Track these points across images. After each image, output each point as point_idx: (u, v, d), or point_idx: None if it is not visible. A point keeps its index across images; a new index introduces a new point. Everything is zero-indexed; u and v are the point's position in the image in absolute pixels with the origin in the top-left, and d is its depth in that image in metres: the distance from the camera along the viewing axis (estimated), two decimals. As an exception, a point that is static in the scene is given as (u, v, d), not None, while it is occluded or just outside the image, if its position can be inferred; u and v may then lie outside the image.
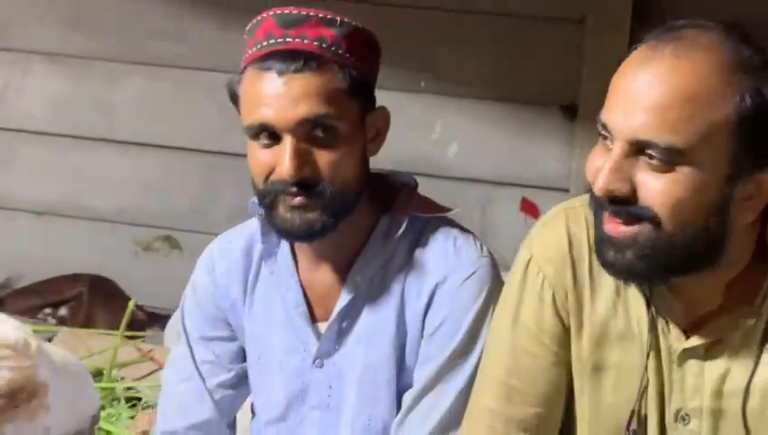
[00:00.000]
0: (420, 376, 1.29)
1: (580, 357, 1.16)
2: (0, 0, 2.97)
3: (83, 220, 2.97)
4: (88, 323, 2.62)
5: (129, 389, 2.15)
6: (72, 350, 2.13)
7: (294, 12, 1.24)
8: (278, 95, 1.20)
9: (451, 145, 2.77)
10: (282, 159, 1.21)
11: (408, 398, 1.30)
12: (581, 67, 2.67)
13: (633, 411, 1.13)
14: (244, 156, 2.88)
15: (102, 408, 1.93)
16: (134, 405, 2.12)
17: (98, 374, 2.18)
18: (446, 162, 2.73)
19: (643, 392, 1.12)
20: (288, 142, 1.20)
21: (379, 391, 1.31)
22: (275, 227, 1.26)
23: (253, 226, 1.37)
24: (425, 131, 2.74)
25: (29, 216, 3.00)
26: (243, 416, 1.52)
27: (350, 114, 1.25)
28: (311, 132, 1.22)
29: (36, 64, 2.98)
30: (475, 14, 2.77)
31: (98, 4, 2.93)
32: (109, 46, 2.93)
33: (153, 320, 2.67)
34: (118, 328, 2.37)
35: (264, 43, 1.24)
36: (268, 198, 1.24)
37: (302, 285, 1.34)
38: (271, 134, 1.22)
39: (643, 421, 1.14)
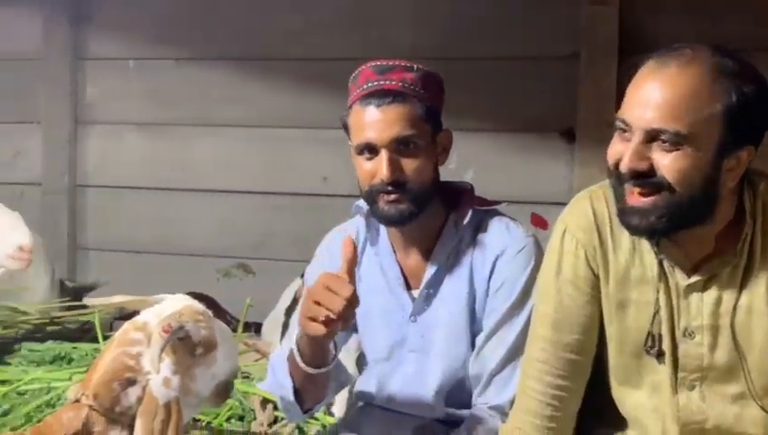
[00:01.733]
0: (488, 323, 1.59)
1: (607, 297, 1.38)
2: (96, 83, 3.51)
3: (173, 256, 3.42)
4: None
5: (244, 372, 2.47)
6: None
7: (384, 63, 1.59)
8: (377, 120, 1.55)
9: (468, 171, 3.00)
10: (380, 167, 1.55)
11: (479, 339, 1.60)
12: (576, 96, 2.91)
13: (649, 333, 1.36)
14: (296, 194, 3.30)
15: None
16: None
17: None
18: None
19: (655, 318, 1.34)
20: (384, 155, 1.54)
21: (458, 336, 1.61)
22: (378, 217, 1.60)
23: (356, 221, 1.72)
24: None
25: (131, 255, 3.47)
26: (347, 357, 1.90)
27: (426, 134, 1.58)
28: (399, 147, 1.55)
29: (127, 133, 3.48)
30: (482, 60, 3.05)
31: (173, 77, 3.40)
32: (184, 114, 3.40)
33: (244, 327, 3.00)
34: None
35: (365, 86, 1.57)
36: (372, 197, 1.58)
37: (398, 263, 1.67)
38: (371, 150, 1.56)
39: (657, 340, 1.36)
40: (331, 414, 2.15)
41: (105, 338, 2.35)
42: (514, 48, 3.02)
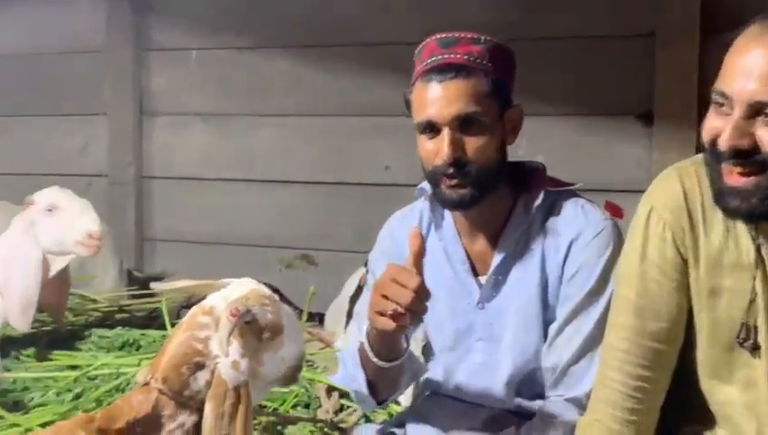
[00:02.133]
0: (562, 311, 1.53)
1: (697, 283, 1.30)
2: (160, 75, 3.56)
3: (237, 246, 3.46)
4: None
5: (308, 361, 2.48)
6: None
7: (449, 35, 1.52)
8: (438, 98, 1.48)
9: (537, 157, 2.79)
10: (442, 146, 1.48)
11: (553, 328, 1.54)
12: (654, 77, 2.79)
13: (743, 324, 1.28)
14: (358, 184, 3.31)
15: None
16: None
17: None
18: None
19: (750, 308, 1.26)
20: (446, 133, 1.48)
21: (529, 325, 1.55)
22: (440, 201, 1.55)
23: (420, 205, 1.67)
24: (512, 148, 2.74)
25: (196, 246, 3.52)
26: (414, 347, 1.89)
27: (492, 111, 1.50)
28: (462, 125, 1.48)
29: (191, 124, 3.53)
30: (552, 40, 2.95)
31: (235, 67, 3.43)
32: (246, 104, 3.43)
33: (307, 317, 2.99)
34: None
35: (428, 61, 1.51)
36: (434, 179, 1.52)
37: (464, 248, 1.61)
38: (433, 128, 1.50)
39: (753, 332, 1.28)
40: (397, 403, 2.13)
41: (173, 326, 2.40)
42: (589, 26, 2.92)
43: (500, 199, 1.57)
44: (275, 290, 3.24)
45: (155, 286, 1.68)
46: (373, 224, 1.78)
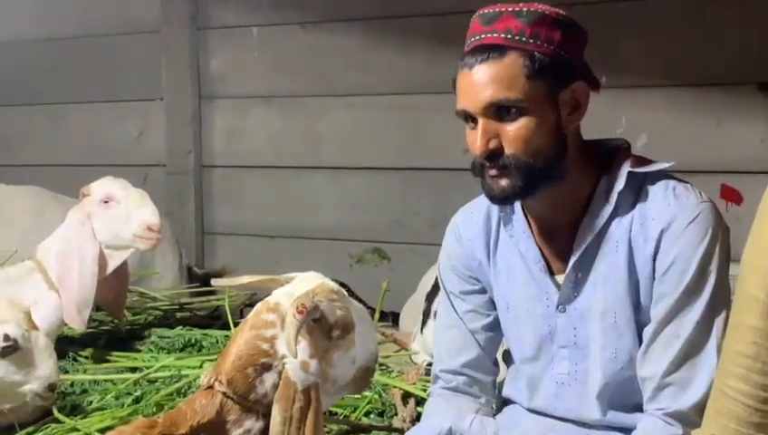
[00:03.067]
0: (657, 312, 1.45)
1: None
2: (220, 56, 3.64)
3: (304, 239, 3.50)
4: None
5: (382, 364, 2.48)
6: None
7: (491, 10, 1.47)
8: (469, 85, 1.45)
9: (639, 137, 2.80)
10: (476, 137, 1.46)
11: (648, 331, 1.47)
12: None
13: None
14: (435, 169, 3.30)
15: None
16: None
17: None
18: None
19: None
20: (480, 123, 1.45)
21: (620, 328, 1.49)
22: (485, 194, 1.51)
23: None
24: (610, 127, 2.76)
25: (260, 239, 3.58)
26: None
27: (536, 93, 1.43)
28: (498, 112, 1.43)
29: (253, 107, 3.58)
30: (649, 0, 2.83)
31: (299, 44, 3.47)
32: (312, 84, 3.47)
33: (380, 316, 3.01)
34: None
35: (469, 41, 1.48)
36: (477, 171, 1.50)
37: (537, 244, 1.56)
38: (472, 118, 1.47)
39: None
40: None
41: (236, 325, 2.43)
42: None
43: (575, 185, 1.52)
44: (345, 287, 3.27)
45: (215, 283, 1.70)
46: (452, 213, 1.76)
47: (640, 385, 1.50)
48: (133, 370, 2.39)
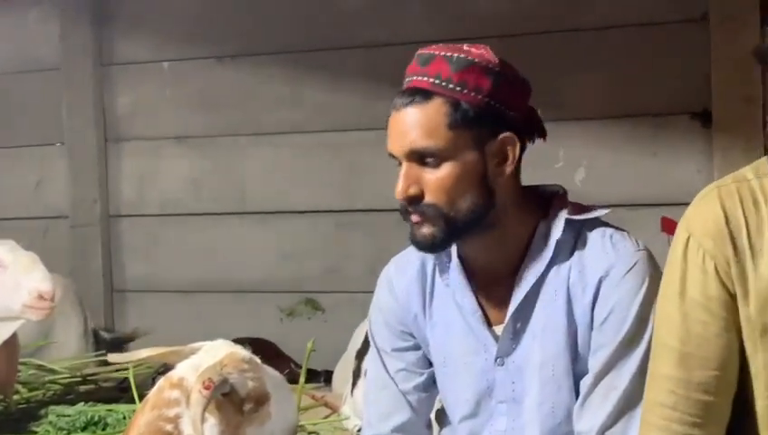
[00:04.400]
0: (594, 363, 1.53)
1: (749, 321, 1.31)
2: (127, 94, 3.54)
3: (228, 293, 3.41)
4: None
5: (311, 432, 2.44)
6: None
7: (427, 52, 1.55)
8: (394, 127, 1.53)
9: (578, 171, 2.92)
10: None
11: (585, 383, 1.54)
12: (710, 69, 2.77)
13: None
14: (371, 211, 3.24)
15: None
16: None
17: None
18: (575, 190, 2.76)
19: None
20: (403, 167, 1.52)
21: (558, 380, 1.55)
22: (410, 240, 1.56)
23: None
24: (547, 161, 2.84)
25: (178, 296, 3.47)
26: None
27: (458, 143, 1.50)
28: (420, 158, 1.51)
29: (165, 148, 3.49)
30: (587, 31, 2.94)
31: (216, 79, 3.41)
32: (231, 122, 3.40)
33: (311, 376, 2.91)
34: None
35: (404, 80, 1.56)
36: (403, 215, 1.56)
37: (475, 293, 1.61)
38: (399, 162, 1.55)
39: None
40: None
41: (142, 398, 2.33)
42: (631, 12, 2.91)
43: (511, 232, 1.58)
44: (273, 347, 3.13)
45: (112, 359, 1.68)
46: (390, 256, 1.76)
47: None
48: (26, 455, 2.25)
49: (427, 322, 1.66)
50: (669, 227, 2.80)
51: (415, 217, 1.53)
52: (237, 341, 3.21)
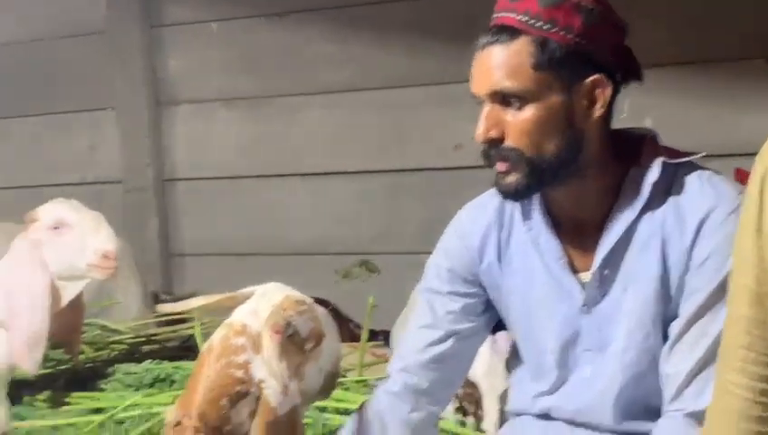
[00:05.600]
0: (687, 308, 1.51)
1: None
2: (175, 55, 3.67)
3: (283, 256, 3.53)
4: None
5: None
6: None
7: None
8: (477, 67, 1.52)
9: (644, 122, 2.83)
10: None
11: (675, 328, 1.52)
12: None
13: None
14: (424, 170, 3.31)
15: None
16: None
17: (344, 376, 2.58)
18: None
19: None
20: (484, 108, 1.51)
21: (646, 328, 1.54)
22: (495, 189, 1.57)
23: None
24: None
25: (233, 258, 3.60)
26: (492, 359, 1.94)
27: (543, 85, 1.48)
28: (503, 99, 1.49)
29: (217, 111, 3.61)
30: None
31: (265, 38, 3.50)
32: (282, 82, 3.50)
33: (371, 336, 2.98)
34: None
35: (492, 17, 1.53)
36: (485, 160, 1.55)
37: (560, 239, 1.60)
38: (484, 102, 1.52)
39: None
40: (481, 431, 2.16)
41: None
42: None
43: (600, 179, 1.57)
44: (332, 307, 3.25)
45: (162, 308, 1.73)
46: (445, 216, 1.78)
47: (662, 383, 1.55)
48: (97, 411, 2.41)
49: (504, 268, 1.66)
50: (744, 178, 2.74)
51: (500, 166, 1.52)
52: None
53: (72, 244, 2.40)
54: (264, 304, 1.49)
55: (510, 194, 1.55)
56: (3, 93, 3.91)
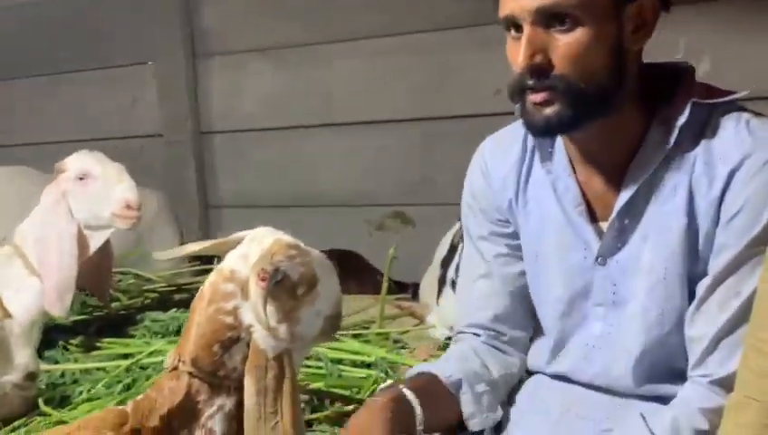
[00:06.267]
0: (715, 265, 1.40)
1: None
2: (211, 4, 3.68)
3: (318, 208, 3.55)
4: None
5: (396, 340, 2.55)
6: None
7: None
8: None
9: (702, 62, 2.71)
10: (520, 49, 1.38)
11: (703, 286, 1.41)
12: None
13: None
14: (462, 117, 3.25)
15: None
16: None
17: (366, 328, 2.65)
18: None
19: None
20: (525, 31, 1.37)
21: (670, 286, 1.44)
22: (525, 123, 1.44)
23: (519, 126, 1.54)
24: (665, 52, 2.47)
25: (270, 210, 3.63)
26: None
27: (595, 4, 1.35)
28: (549, 22, 1.36)
29: (253, 62, 3.63)
30: None
31: None
32: (314, 30, 3.48)
33: (400, 288, 3.10)
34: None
35: None
36: (516, 94, 1.42)
37: (579, 184, 1.51)
38: (517, 27, 1.39)
39: None
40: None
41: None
42: None
43: (630, 117, 1.45)
44: (359, 259, 3.19)
45: (157, 256, 1.74)
46: None
47: (687, 347, 1.46)
48: (125, 356, 2.51)
49: (521, 208, 1.59)
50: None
51: (538, 97, 1.38)
52: (327, 252, 3.49)
53: (96, 194, 2.49)
54: (254, 248, 1.50)
55: (550, 127, 1.41)
56: (44, 50, 4.00)
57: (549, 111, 1.39)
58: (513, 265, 1.64)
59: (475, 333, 1.68)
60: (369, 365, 2.24)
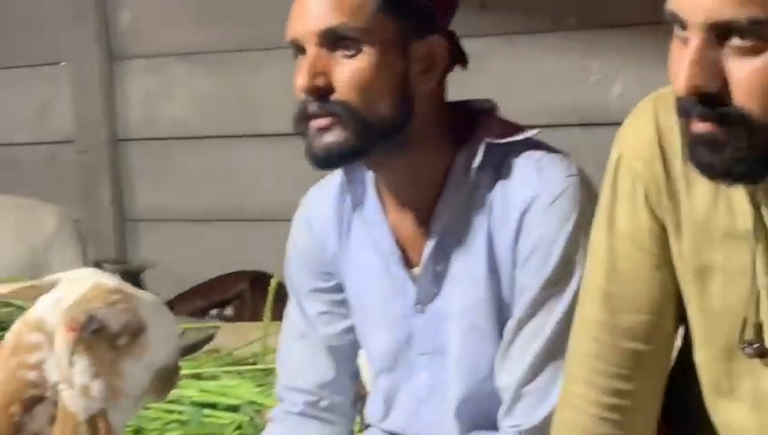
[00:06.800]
0: (518, 307, 1.44)
1: (681, 259, 1.23)
2: (131, 7, 3.54)
3: (246, 222, 3.43)
4: (254, 320, 2.87)
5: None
6: (234, 343, 2.54)
7: None
8: (301, 6, 1.40)
9: (614, 85, 2.80)
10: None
11: (507, 329, 1.45)
12: None
13: (745, 319, 1.17)
14: None
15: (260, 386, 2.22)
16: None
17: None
18: (610, 107, 2.74)
19: (752, 295, 1.16)
20: (308, 53, 1.38)
21: (480, 331, 1.47)
22: (306, 155, 1.42)
23: (340, 172, 1.56)
24: (580, 75, 2.78)
25: (192, 225, 3.51)
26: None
27: (383, 31, 1.38)
28: (334, 45, 1.37)
29: (174, 66, 3.50)
30: None
31: None
32: (242, 37, 3.37)
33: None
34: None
35: None
36: (300, 123, 1.42)
37: (393, 230, 1.51)
38: (302, 50, 1.40)
39: (755, 331, 1.17)
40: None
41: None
42: None
43: (432, 158, 1.46)
44: (267, 277, 2.99)
45: None
46: None
47: (500, 395, 1.47)
48: None
49: (344, 258, 1.57)
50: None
51: (322, 122, 1.38)
52: (236, 274, 3.28)
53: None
54: (69, 293, 1.35)
55: (330, 155, 1.39)
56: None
57: (330, 137, 1.38)
58: (335, 323, 1.62)
59: (293, 402, 1.64)
60: (235, 409, 2.11)
